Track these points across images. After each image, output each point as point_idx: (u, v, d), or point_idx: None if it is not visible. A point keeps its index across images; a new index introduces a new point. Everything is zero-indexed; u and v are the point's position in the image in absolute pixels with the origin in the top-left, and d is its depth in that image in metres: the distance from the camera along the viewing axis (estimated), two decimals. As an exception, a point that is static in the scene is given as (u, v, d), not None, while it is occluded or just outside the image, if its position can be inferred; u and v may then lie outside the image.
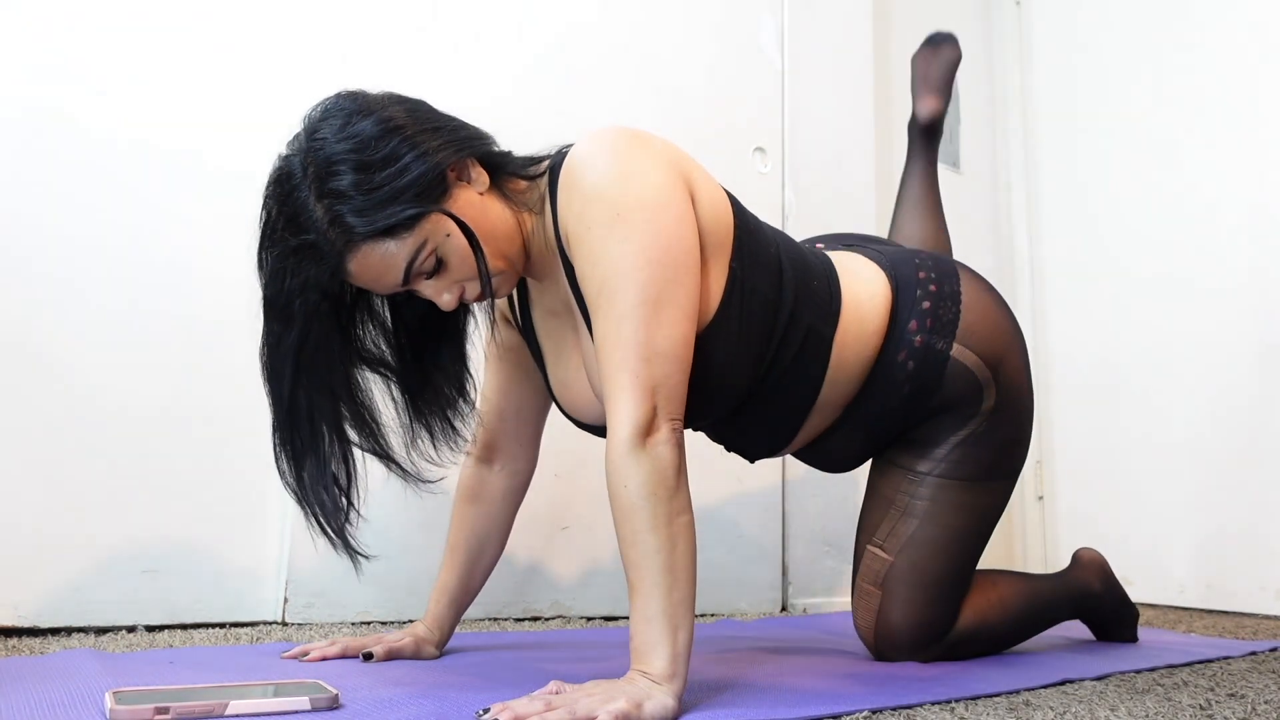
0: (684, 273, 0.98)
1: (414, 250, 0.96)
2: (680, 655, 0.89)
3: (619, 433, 0.92)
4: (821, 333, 1.16)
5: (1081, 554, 1.50)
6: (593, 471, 1.76)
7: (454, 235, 0.98)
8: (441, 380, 1.13)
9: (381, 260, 0.96)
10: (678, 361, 0.96)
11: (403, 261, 0.96)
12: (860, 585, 1.28)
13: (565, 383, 1.17)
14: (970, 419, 1.24)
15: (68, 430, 1.36)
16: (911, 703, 0.97)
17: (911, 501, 1.25)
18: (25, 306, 1.35)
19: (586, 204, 0.97)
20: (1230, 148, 2.36)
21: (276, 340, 0.98)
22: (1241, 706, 0.98)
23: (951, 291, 1.26)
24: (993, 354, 1.25)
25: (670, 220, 0.97)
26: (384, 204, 0.94)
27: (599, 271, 0.96)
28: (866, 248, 1.35)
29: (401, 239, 0.95)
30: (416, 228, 0.96)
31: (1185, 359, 2.38)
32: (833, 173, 2.24)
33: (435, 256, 0.98)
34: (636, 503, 0.90)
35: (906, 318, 1.23)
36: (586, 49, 1.90)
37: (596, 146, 1.00)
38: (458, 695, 0.93)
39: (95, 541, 1.36)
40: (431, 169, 0.97)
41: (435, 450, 1.13)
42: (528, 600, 1.68)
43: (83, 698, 0.87)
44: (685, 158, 1.07)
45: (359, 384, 1.06)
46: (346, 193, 0.93)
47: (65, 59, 1.41)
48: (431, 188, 0.97)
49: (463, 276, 1.01)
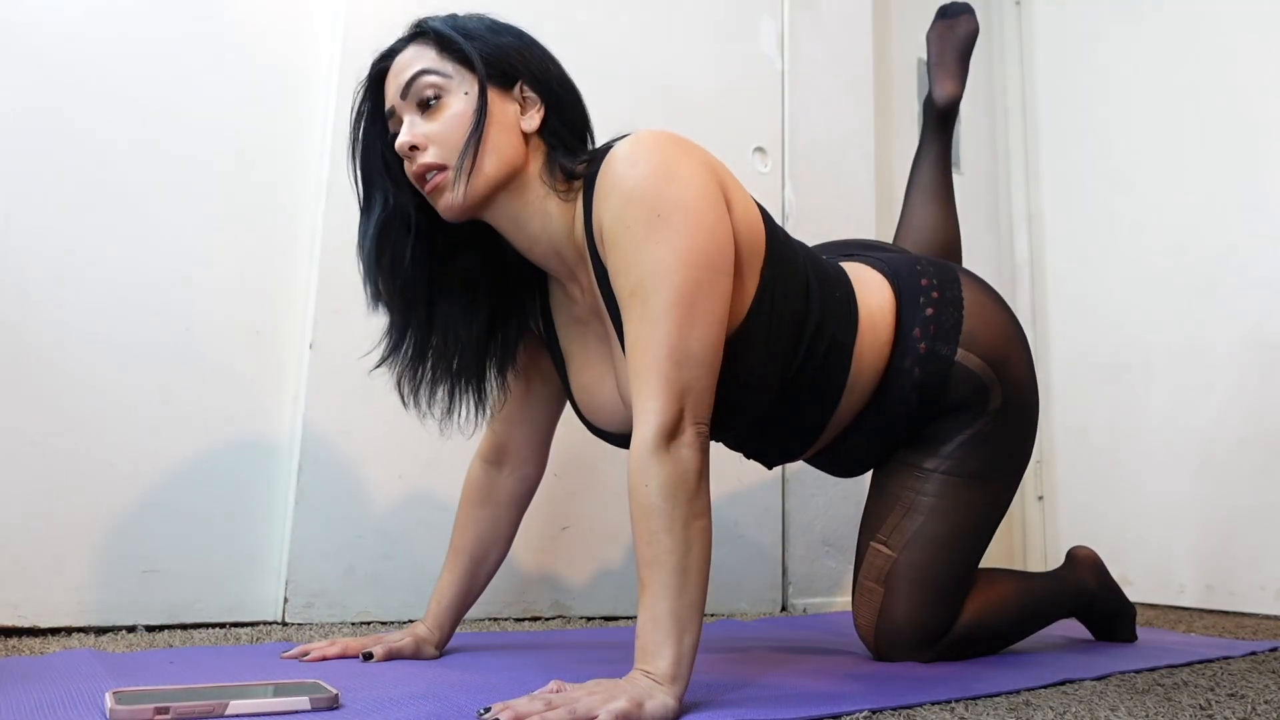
0: (720, 277, 0.98)
1: (433, 66, 1.04)
2: (685, 658, 0.88)
3: (644, 432, 0.92)
4: (843, 343, 1.18)
5: (1076, 552, 1.51)
6: (593, 471, 1.76)
7: (467, 99, 1.03)
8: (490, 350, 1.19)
9: (414, 56, 1.06)
10: (708, 366, 0.96)
11: (421, 64, 1.05)
12: (862, 583, 1.28)
13: (588, 390, 1.17)
14: (977, 418, 1.25)
15: (68, 430, 1.36)
16: (911, 703, 0.97)
17: (917, 498, 1.25)
18: (24, 306, 1.35)
19: (627, 203, 0.96)
20: (1230, 146, 2.36)
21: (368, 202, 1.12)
22: (1241, 706, 0.98)
23: (953, 297, 1.27)
24: (996, 356, 1.26)
25: (709, 224, 0.97)
26: (460, 29, 1.06)
27: (635, 271, 0.95)
28: (868, 255, 1.36)
29: (439, 52, 1.05)
30: (453, 61, 1.04)
31: (1185, 359, 2.38)
32: (833, 173, 2.24)
33: (438, 91, 1.04)
34: (656, 503, 0.90)
35: (911, 325, 1.24)
36: (587, 49, 1.89)
37: (640, 148, 0.99)
38: (458, 695, 0.92)
39: (95, 541, 1.36)
40: (509, 59, 1.06)
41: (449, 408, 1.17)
42: (528, 600, 1.68)
43: (83, 698, 0.87)
44: (721, 165, 1.07)
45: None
46: (457, 17, 1.09)
47: (63, 57, 1.41)
48: (496, 64, 1.05)
49: (439, 136, 1.03)
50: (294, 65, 1.60)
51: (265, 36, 1.59)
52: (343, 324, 1.53)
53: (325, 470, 1.51)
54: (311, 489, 1.50)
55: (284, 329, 1.55)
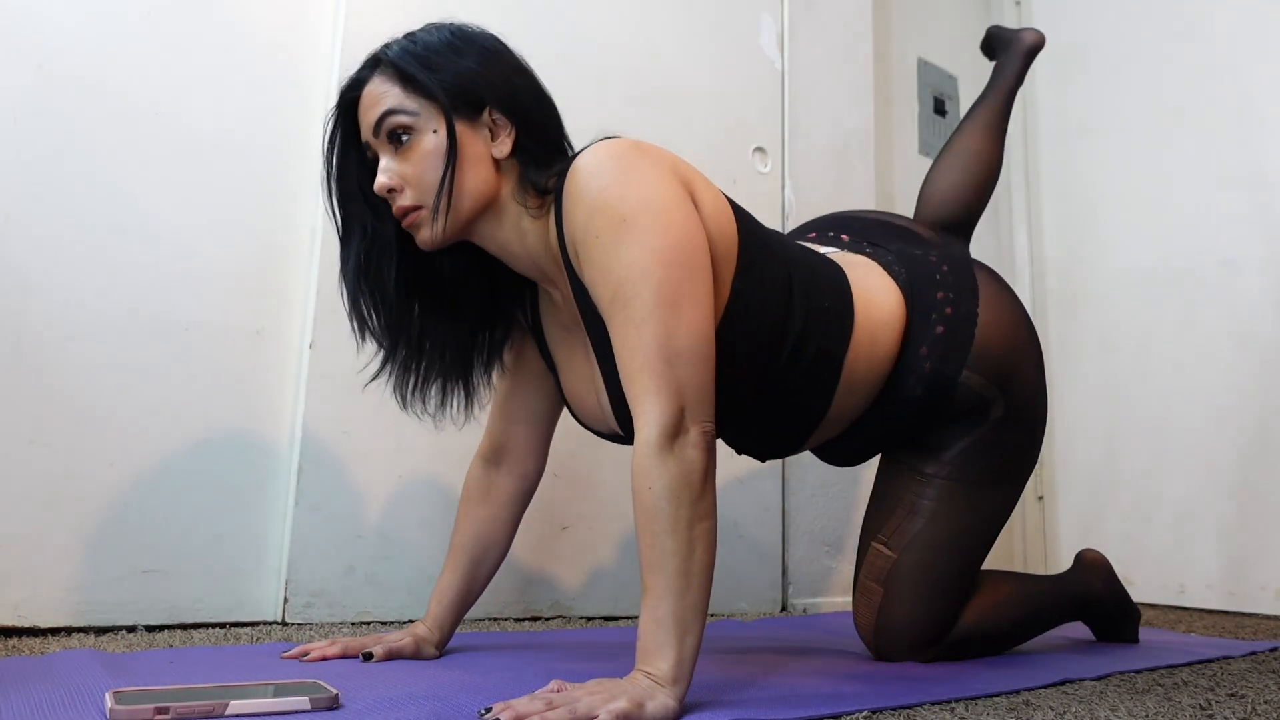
0: (698, 272, 0.97)
1: (399, 105, 1.04)
2: (686, 660, 0.88)
3: (646, 434, 0.91)
4: (832, 353, 1.15)
5: (1085, 555, 1.50)
6: (593, 471, 1.76)
7: (435, 137, 1.03)
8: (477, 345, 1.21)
9: (381, 91, 1.05)
10: (702, 361, 0.95)
11: (388, 104, 1.04)
12: (863, 582, 1.28)
13: (577, 394, 1.18)
14: (978, 426, 1.25)
15: (68, 430, 1.36)
16: (911, 703, 0.97)
17: (919, 501, 1.25)
18: (22, 306, 1.35)
19: (592, 214, 0.96)
20: (1229, 146, 2.36)
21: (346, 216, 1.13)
22: (1242, 706, 0.98)
23: (967, 313, 1.24)
24: (1002, 373, 1.24)
25: (678, 222, 0.97)
26: (421, 60, 1.04)
27: (611, 279, 0.95)
28: (888, 250, 1.31)
29: (404, 89, 1.04)
30: (419, 95, 1.04)
31: (1186, 359, 2.38)
32: (833, 173, 2.24)
33: (407, 129, 1.04)
34: (659, 505, 0.89)
35: (920, 342, 1.22)
36: (586, 49, 1.90)
37: (597, 157, 0.99)
38: (458, 695, 0.92)
39: (95, 541, 1.36)
40: (474, 87, 1.05)
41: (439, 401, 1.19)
42: (528, 600, 1.68)
43: (83, 698, 0.87)
44: (686, 165, 1.06)
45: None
46: (417, 40, 1.06)
47: (63, 56, 1.41)
48: (461, 95, 1.04)
49: (413, 178, 1.04)
50: (295, 65, 1.60)
51: (266, 36, 1.59)
52: (343, 324, 1.52)
53: (325, 470, 1.51)
54: (311, 489, 1.50)
55: (284, 329, 1.55)
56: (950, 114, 2.74)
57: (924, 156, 2.64)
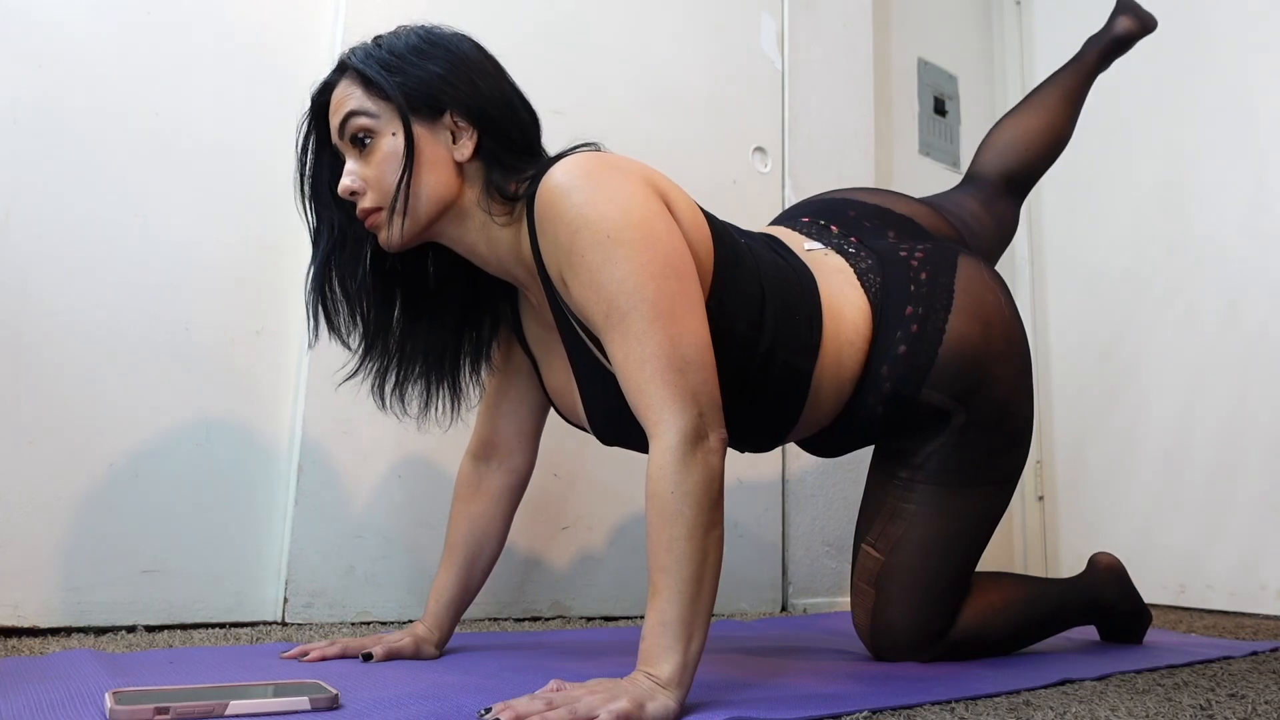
0: (687, 280, 0.97)
1: (361, 108, 1.05)
2: (690, 665, 0.88)
3: (667, 440, 0.90)
4: (799, 368, 1.15)
5: (1098, 559, 1.49)
6: (593, 471, 1.76)
7: (394, 139, 1.04)
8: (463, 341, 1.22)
9: (345, 94, 1.07)
10: (708, 368, 0.95)
11: (350, 105, 1.06)
12: (857, 583, 1.29)
13: (558, 391, 1.20)
14: (940, 434, 1.24)
15: (67, 430, 1.36)
16: (911, 703, 0.96)
17: (900, 505, 1.26)
18: (23, 305, 1.35)
19: (574, 233, 0.96)
20: (1230, 147, 2.36)
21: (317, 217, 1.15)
22: (1242, 707, 0.98)
23: (934, 330, 1.21)
24: (966, 386, 1.22)
25: (661, 233, 0.97)
26: (383, 63, 1.05)
27: (604, 296, 0.94)
28: (866, 250, 1.29)
29: (365, 91, 1.05)
30: (379, 98, 1.05)
31: (1186, 359, 2.38)
32: (833, 173, 2.24)
33: (369, 132, 1.05)
34: (680, 509, 0.89)
35: (880, 361, 1.21)
36: (586, 49, 1.90)
37: (570, 174, 0.98)
38: (458, 695, 0.92)
39: (95, 541, 1.36)
40: (435, 89, 1.05)
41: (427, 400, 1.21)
42: (528, 600, 1.68)
43: (83, 698, 0.87)
44: (660, 176, 1.06)
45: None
46: (383, 44, 1.08)
47: (63, 56, 1.41)
48: (420, 98, 1.05)
49: (374, 180, 1.05)
50: (295, 66, 1.60)
51: (266, 36, 1.59)
52: (343, 324, 1.53)
53: (325, 470, 1.51)
54: (311, 489, 1.50)
55: (284, 329, 1.55)
56: (950, 114, 2.74)
57: (924, 156, 2.64)
